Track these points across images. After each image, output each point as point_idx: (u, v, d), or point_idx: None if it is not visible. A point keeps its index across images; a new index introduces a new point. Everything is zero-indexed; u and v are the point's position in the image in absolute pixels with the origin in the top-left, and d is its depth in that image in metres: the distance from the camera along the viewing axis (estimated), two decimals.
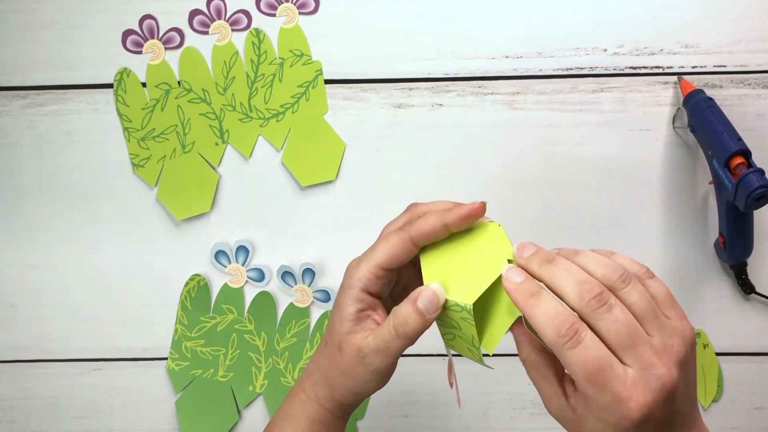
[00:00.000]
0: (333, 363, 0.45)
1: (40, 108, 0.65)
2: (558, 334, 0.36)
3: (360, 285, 0.44)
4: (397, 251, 0.44)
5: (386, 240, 0.44)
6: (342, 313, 0.44)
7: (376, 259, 0.44)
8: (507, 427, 0.67)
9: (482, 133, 0.64)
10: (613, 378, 0.36)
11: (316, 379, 0.46)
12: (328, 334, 0.46)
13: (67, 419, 0.69)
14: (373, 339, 0.43)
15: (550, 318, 0.37)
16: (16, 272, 0.67)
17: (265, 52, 0.64)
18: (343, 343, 0.44)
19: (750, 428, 0.66)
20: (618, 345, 0.36)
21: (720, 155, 0.57)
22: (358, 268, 0.44)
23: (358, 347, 0.43)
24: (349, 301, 0.44)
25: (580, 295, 0.37)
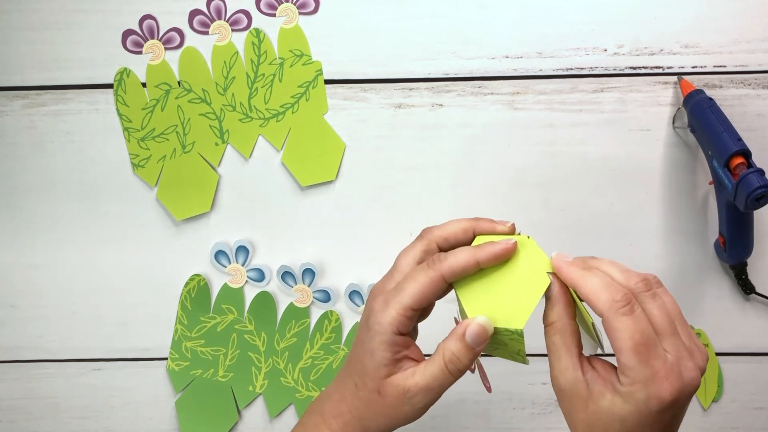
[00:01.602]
0: (370, 406, 0.43)
1: (40, 108, 0.65)
2: (613, 299, 0.37)
3: (391, 329, 0.42)
4: (427, 291, 0.42)
5: (414, 279, 0.42)
6: (375, 358, 0.42)
7: (406, 302, 0.42)
8: (507, 427, 0.67)
9: (482, 133, 0.64)
10: (657, 356, 0.37)
11: (346, 420, 0.44)
12: (357, 377, 0.43)
13: (67, 419, 0.69)
14: (422, 378, 0.41)
15: (605, 285, 0.38)
16: (16, 272, 0.67)
17: (265, 52, 0.64)
18: (384, 387, 0.42)
19: (750, 428, 0.66)
20: (661, 330, 0.38)
21: (720, 155, 0.57)
22: (386, 312, 0.42)
23: (404, 388, 0.41)
24: (382, 346, 0.42)
25: (627, 278, 0.39)
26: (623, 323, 0.37)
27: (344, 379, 0.45)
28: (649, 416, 0.37)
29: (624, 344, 0.37)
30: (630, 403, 0.37)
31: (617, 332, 0.37)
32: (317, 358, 0.67)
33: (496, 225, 0.44)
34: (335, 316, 0.66)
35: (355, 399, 0.43)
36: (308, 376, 0.67)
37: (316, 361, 0.67)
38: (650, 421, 0.37)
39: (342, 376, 0.45)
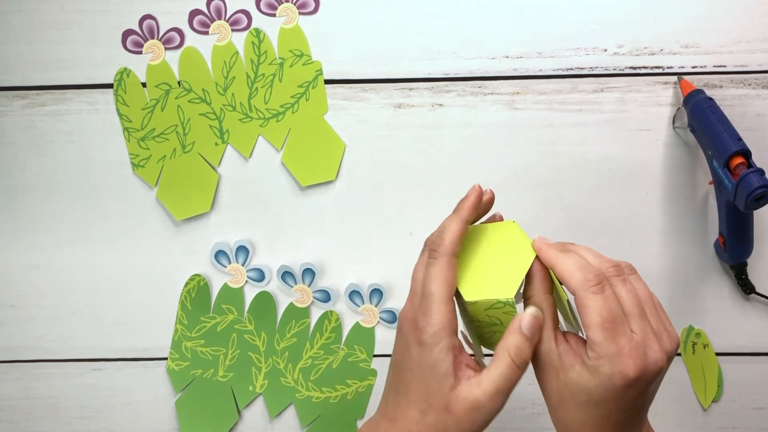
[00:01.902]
0: (444, 427, 0.41)
1: (40, 108, 0.65)
2: (585, 278, 0.40)
3: (445, 333, 0.41)
4: (450, 277, 0.43)
5: (434, 276, 0.42)
6: (439, 370, 0.41)
7: (441, 297, 0.42)
8: (507, 427, 0.67)
9: (482, 133, 0.64)
10: (623, 333, 0.39)
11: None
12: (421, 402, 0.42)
13: (67, 419, 0.69)
14: (490, 383, 0.41)
15: (579, 266, 0.41)
16: (16, 272, 0.67)
17: (265, 52, 0.64)
18: (452, 402, 0.41)
19: (750, 428, 0.66)
20: (629, 311, 0.40)
21: (720, 155, 0.57)
22: (428, 317, 0.42)
23: (474, 401, 0.40)
24: (442, 354, 0.41)
25: (600, 263, 0.41)
26: (593, 300, 0.39)
27: (406, 411, 0.42)
28: (614, 391, 0.39)
29: (592, 320, 0.39)
30: (596, 377, 0.39)
31: (587, 308, 0.39)
32: (317, 358, 0.67)
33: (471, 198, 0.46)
34: (335, 316, 0.66)
35: (422, 427, 0.42)
36: (308, 376, 0.67)
37: (316, 361, 0.67)
38: (614, 396, 0.39)
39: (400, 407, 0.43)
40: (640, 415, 0.42)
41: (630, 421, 0.41)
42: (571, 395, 0.40)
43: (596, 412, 0.40)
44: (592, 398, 0.40)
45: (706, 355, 0.65)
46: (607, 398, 0.39)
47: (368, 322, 0.66)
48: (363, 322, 0.66)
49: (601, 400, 0.40)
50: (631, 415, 0.41)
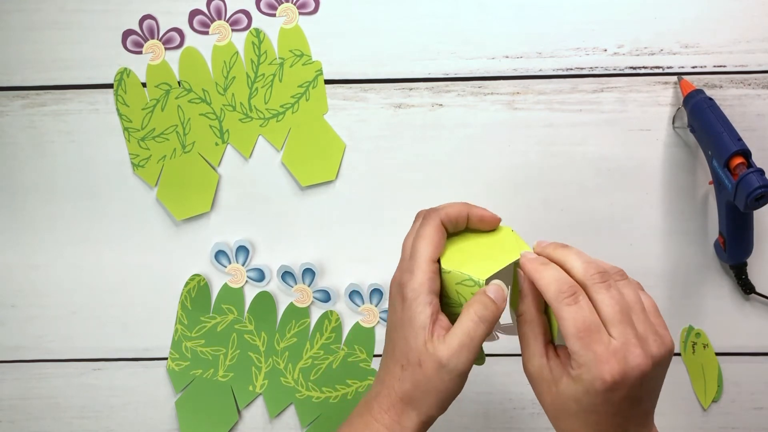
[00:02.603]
0: (417, 384, 0.44)
1: (40, 108, 0.65)
2: (559, 291, 0.41)
3: (424, 289, 0.44)
4: (436, 238, 0.45)
5: (422, 237, 0.45)
6: (416, 324, 0.44)
7: (425, 256, 0.45)
8: (507, 427, 0.67)
9: (482, 133, 0.64)
10: (598, 341, 0.40)
11: (399, 410, 0.45)
12: (402, 357, 0.45)
13: (67, 419, 0.69)
14: (454, 338, 0.43)
15: (554, 279, 0.42)
16: (16, 272, 0.67)
17: (265, 52, 0.64)
18: (423, 357, 0.43)
19: (750, 428, 0.66)
20: (608, 318, 0.40)
21: (720, 155, 0.57)
22: (412, 275, 0.45)
23: (439, 356, 0.43)
24: (420, 308, 0.44)
25: (585, 270, 0.42)
26: (567, 312, 0.40)
27: (390, 369, 0.46)
28: (597, 396, 0.40)
29: (568, 330, 0.40)
30: (579, 385, 0.40)
31: (562, 320, 0.40)
32: (317, 358, 0.67)
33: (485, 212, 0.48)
34: (335, 316, 0.66)
35: (404, 383, 0.44)
36: (308, 376, 0.67)
37: (316, 361, 0.67)
38: (600, 401, 0.40)
39: (387, 367, 0.46)
40: (635, 419, 0.42)
41: (626, 426, 0.42)
42: (564, 406, 0.42)
43: (589, 419, 0.41)
44: (581, 406, 0.41)
45: (705, 355, 0.65)
46: (595, 404, 0.40)
47: (368, 322, 0.66)
48: (363, 322, 0.67)
49: (590, 407, 0.40)
50: (626, 419, 0.41)
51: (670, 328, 0.67)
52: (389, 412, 0.45)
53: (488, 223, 0.48)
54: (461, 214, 0.47)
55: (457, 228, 0.48)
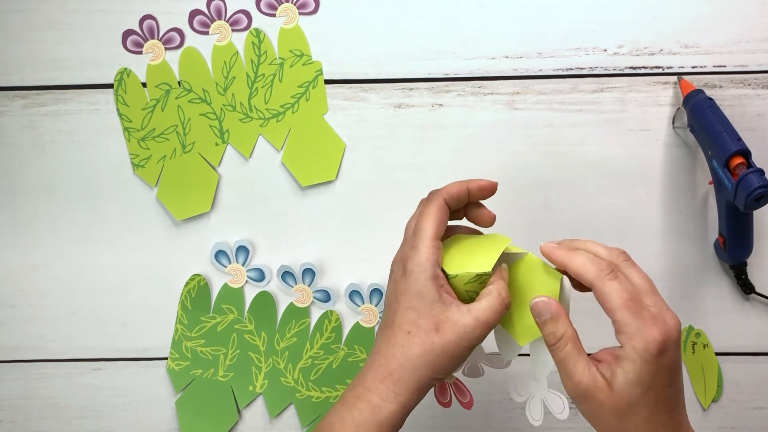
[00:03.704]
0: (427, 349, 0.44)
1: (40, 108, 0.65)
2: (599, 269, 0.43)
3: (430, 264, 0.45)
4: (440, 217, 0.47)
5: (426, 215, 0.47)
6: (427, 296, 0.45)
7: (429, 233, 0.46)
8: (507, 427, 0.67)
9: (482, 133, 0.64)
10: (643, 308, 0.42)
11: (396, 377, 0.45)
12: (409, 324, 0.45)
13: (67, 419, 0.69)
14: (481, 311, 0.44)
15: (590, 260, 0.44)
16: (16, 272, 0.67)
17: (265, 53, 0.64)
18: (441, 323, 0.44)
19: (750, 428, 0.66)
20: (642, 289, 0.43)
21: (720, 155, 0.57)
22: (416, 250, 0.46)
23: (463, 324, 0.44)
24: (429, 282, 0.45)
25: (609, 252, 0.45)
26: (611, 286, 0.42)
27: (390, 337, 0.46)
28: (655, 363, 0.41)
29: (615, 303, 0.42)
30: (636, 358, 0.41)
31: (607, 295, 0.42)
32: (317, 358, 0.67)
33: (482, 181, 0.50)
34: (335, 316, 0.66)
35: (409, 349, 0.45)
36: (308, 375, 0.67)
37: (316, 360, 0.67)
38: (656, 368, 0.41)
39: (386, 337, 0.46)
40: (681, 394, 0.44)
41: (677, 400, 0.43)
42: (628, 399, 0.42)
43: (650, 398, 0.42)
44: (643, 384, 0.41)
45: (705, 355, 0.65)
46: (653, 374, 0.41)
47: (368, 322, 0.66)
48: (363, 321, 0.67)
49: (650, 381, 0.41)
50: (677, 391, 0.43)
51: None
52: (384, 381, 0.45)
53: (488, 190, 0.50)
54: (462, 190, 0.49)
55: (459, 204, 0.49)
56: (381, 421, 0.45)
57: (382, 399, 0.45)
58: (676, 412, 0.43)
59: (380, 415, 0.45)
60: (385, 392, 0.45)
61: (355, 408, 0.45)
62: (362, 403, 0.45)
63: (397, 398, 0.45)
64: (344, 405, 0.46)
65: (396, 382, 0.45)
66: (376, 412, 0.45)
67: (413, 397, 0.45)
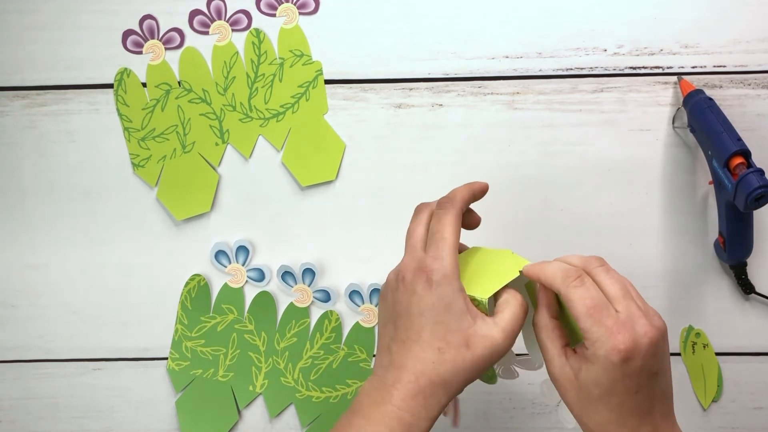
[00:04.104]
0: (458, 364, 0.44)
1: (40, 108, 0.65)
2: (565, 276, 0.44)
3: (455, 276, 0.45)
4: (458, 226, 0.47)
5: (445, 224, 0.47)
6: (455, 309, 0.45)
7: (452, 244, 0.46)
8: (507, 427, 0.67)
9: (482, 133, 0.64)
10: (607, 315, 0.42)
11: (428, 393, 0.44)
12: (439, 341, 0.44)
13: (67, 419, 0.69)
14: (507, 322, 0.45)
15: (558, 269, 0.44)
16: (16, 272, 0.67)
17: (265, 53, 0.64)
18: (471, 339, 0.44)
19: (750, 428, 0.66)
20: (613, 295, 0.43)
21: (720, 155, 0.57)
22: (441, 261, 0.45)
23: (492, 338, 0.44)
24: (457, 295, 0.45)
25: (583, 259, 0.46)
26: (575, 293, 0.43)
27: (418, 354, 0.45)
28: (615, 370, 0.41)
29: (578, 310, 0.42)
30: (597, 363, 0.42)
31: (572, 302, 0.43)
32: (317, 358, 0.67)
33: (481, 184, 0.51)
34: (335, 316, 0.66)
35: (440, 366, 0.44)
36: (308, 376, 0.67)
37: (316, 360, 0.67)
38: (618, 375, 0.42)
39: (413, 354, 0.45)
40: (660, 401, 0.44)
41: (650, 406, 0.43)
42: (588, 395, 0.43)
43: (612, 401, 0.42)
44: (602, 387, 0.42)
45: (705, 355, 0.65)
46: (614, 380, 0.42)
47: (368, 322, 0.66)
48: (363, 321, 0.67)
49: (610, 386, 0.42)
50: (649, 397, 0.43)
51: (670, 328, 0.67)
52: (416, 398, 0.44)
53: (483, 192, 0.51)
54: (469, 194, 0.50)
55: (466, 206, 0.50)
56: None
57: (414, 416, 0.44)
58: (650, 417, 0.43)
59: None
60: (417, 410, 0.44)
61: (384, 425, 0.44)
62: (393, 422, 0.44)
63: (428, 414, 0.44)
64: (370, 422, 0.45)
65: (427, 398, 0.44)
66: (409, 429, 0.44)
67: (441, 409, 0.45)
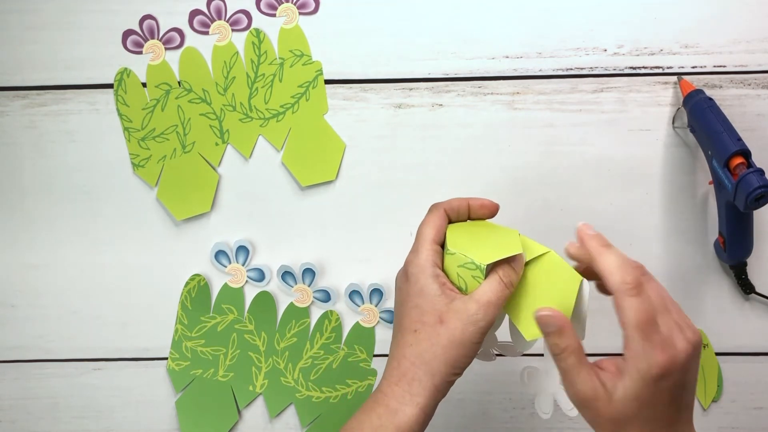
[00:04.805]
0: (434, 342, 0.45)
1: (40, 108, 0.65)
2: (623, 281, 0.42)
3: (429, 264, 0.47)
4: (438, 223, 0.49)
5: (426, 223, 0.49)
6: (429, 293, 0.46)
7: (428, 237, 0.48)
8: (507, 427, 0.67)
9: (482, 133, 0.64)
10: (655, 331, 0.42)
11: (410, 377, 0.45)
12: (415, 323, 0.46)
13: (67, 419, 0.69)
14: (482, 294, 0.45)
15: (619, 265, 0.43)
16: (16, 272, 0.67)
17: (265, 53, 0.64)
18: (445, 314, 0.45)
19: (750, 428, 0.66)
20: (657, 308, 0.43)
21: (720, 155, 0.57)
22: (416, 254, 0.48)
23: (465, 309, 0.45)
24: (430, 280, 0.46)
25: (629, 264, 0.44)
26: (631, 303, 0.42)
27: (399, 340, 0.47)
28: (654, 384, 0.41)
29: (629, 321, 0.41)
30: (636, 378, 0.41)
31: (625, 310, 0.42)
32: (317, 358, 0.67)
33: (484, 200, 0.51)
34: (335, 316, 0.66)
35: (417, 346, 0.45)
36: (308, 375, 0.67)
37: (316, 360, 0.67)
38: (656, 389, 0.41)
39: (396, 341, 0.47)
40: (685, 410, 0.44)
41: (678, 416, 0.43)
42: (625, 411, 0.42)
43: (646, 415, 0.42)
44: (641, 401, 0.42)
45: (705, 355, 0.65)
46: (653, 394, 0.41)
47: (368, 322, 0.66)
48: (363, 322, 0.67)
49: (649, 400, 0.42)
50: (679, 408, 0.43)
51: None
52: (399, 384, 0.45)
53: (489, 209, 0.51)
54: (462, 205, 0.50)
55: (459, 217, 0.51)
56: (399, 426, 0.45)
57: (399, 402, 0.45)
58: (679, 425, 0.43)
59: (398, 419, 0.45)
60: (401, 395, 0.45)
61: (373, 413, 0.45)
62: (380, 408, 0.45)
63: (413, 400, 0.45)
64: (363, 411, 0.46)
65: (410, 383, 0.45)
66: (394, 415, 0.45)
67: (431, 398, 0.45)
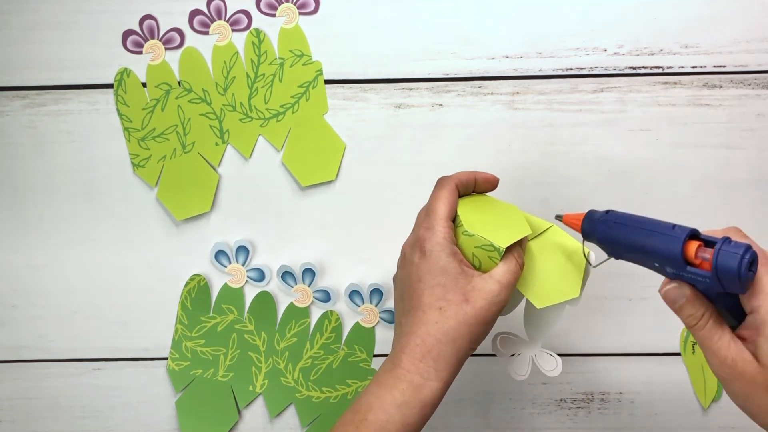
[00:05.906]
0: (460, 321, 0.46)
1: (40, 108, 0.65)
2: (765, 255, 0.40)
3: (447, 241, 0.48)
4: (451, 199, 0.50)
5: (438, 197, 0.50)
6: (451, 272, 0.47)
7: (443, 214, 0.49)
8: (507, 427, 0.67)
9: (482, 133, 0.64)
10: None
11: (435, 354, 0.46)
12: (439, 301, 0.47)
13: (67, 419, 0.69)
14: (503, 274, 0.47)
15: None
16: (16, 272, 0.67)
17: (265, 53, 0.64)
18: (469, 293, 0.47)
19: (750, 428, 0.66)
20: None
21: (671, 258, 0.42)
22: (433, 231, 0.48)
23: (489, 290, 0.47)
24: (450, 258, 0.47)
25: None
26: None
27: (421, 318, 0.47)
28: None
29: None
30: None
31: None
32: (317, 358, 0.67)
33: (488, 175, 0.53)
34: (335, 316, 0.66)
35: (444, 324, 0.46)
36: (308, 375, 0.67)
37: (316, 360, 0.67)
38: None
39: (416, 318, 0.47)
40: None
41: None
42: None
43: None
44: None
45: None
46: None
47: (368, 322, 0.66)
48: (363, 322, 0.67)
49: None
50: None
51: (670, 329, 0.67)
52: (424, 359, 0.46)
53: (492, 183, 0.53)
54: (470, 179, 0.52)
55: (467, 191, 0.52)
56: (424, 400, 0.46)
57: (424, 378, 0.46)
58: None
59: (423, 394, 0.46)
60: (426, 371, 0.46)
61: (395, 389, 0.46)
62: (403, 384, 0.46)
63: (438, 375, 0.46)
64: (382, 387, 0.47)
65: (436, 359, 0.46)
66: (419, 391, 0.46)
67: (453, 372, 0.47)
